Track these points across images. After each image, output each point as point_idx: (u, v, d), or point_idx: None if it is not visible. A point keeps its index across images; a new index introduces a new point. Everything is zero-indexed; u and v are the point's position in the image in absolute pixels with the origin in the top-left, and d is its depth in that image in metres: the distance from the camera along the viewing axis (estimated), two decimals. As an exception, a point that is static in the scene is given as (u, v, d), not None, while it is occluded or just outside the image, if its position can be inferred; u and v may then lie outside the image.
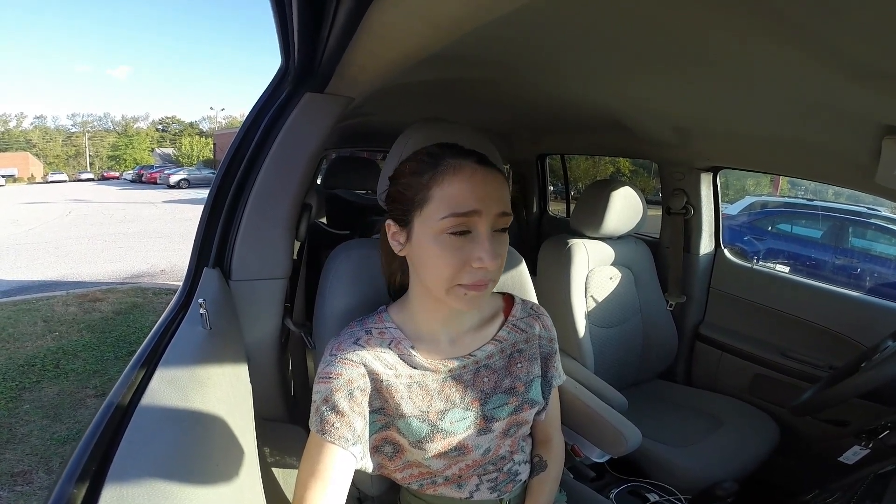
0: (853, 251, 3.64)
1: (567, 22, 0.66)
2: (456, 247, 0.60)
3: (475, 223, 0.60)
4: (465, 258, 0.60)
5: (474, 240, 0.60)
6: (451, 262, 0.60)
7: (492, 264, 0.59)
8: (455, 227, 0.60)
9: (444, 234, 0.60)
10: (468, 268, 0.60)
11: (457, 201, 0.59)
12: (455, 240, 0.60)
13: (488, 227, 0.60)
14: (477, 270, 0.60)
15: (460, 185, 0.60)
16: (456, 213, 0.59)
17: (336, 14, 0.60)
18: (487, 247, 0.59)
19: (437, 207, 0.60)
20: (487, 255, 0.59)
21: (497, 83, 1.13)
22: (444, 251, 0.60)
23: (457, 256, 0.60)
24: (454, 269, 0.60)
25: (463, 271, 0.61)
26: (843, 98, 0.74)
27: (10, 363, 2.92)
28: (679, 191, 1.66)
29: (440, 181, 0.61)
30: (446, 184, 0.60)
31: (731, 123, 1.18)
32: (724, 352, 1.66)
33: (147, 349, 0.63)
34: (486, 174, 0.61)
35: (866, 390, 0.95)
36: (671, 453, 1.27)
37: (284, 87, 0.89)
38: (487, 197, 0.60)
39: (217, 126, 55.74)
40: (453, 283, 0.61)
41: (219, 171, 0.91)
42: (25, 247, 7.52)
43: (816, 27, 0.53)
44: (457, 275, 0.61)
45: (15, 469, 1.98)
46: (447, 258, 0.60)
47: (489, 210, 0.60)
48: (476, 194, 0.60)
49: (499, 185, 0.63)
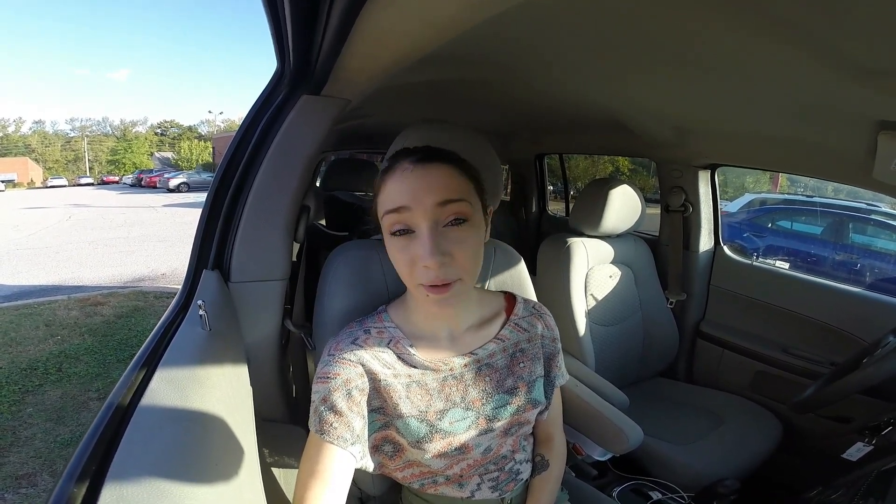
0: (853, 247, 3.63)
1: (563, 22, 0.67)
2: (401, 246, 0.61)
3: (410, 219, 0.60)
4: (412, 257, 0.60)
5: (416, 238, 0.60)
6: (402, 262, 0.61)
7: (430, 261, 0.58)
8: (393, 225, 0.61)
9: (390, 235, 0.62)
10: (417, 266, 0.60)
11: (388, 199, 0.61)
12: (399, 240, 0.61)
13: (428, 222, 0.59)
14: (425, 269, 0.59)
15: (392, 185, 0.61)
16: (387, 209, 0.61)
17: (329, 16, 0.60)
18: (427, 244, 0.58)
19: (380, 210, 0.63)
20: (426, 252, 0.58)
21: (495, 83, 1.13)
22: (394, 252, 0.62)
23: (403, 256, 0.61)
24: (406, 268, 0.61)
25: (415, 271, 0.60)
26: (839, 95, 0.74)
27: (13, 367, 2.93)
28: (677, 188, 1.67)
29: (383, 186, 0.63)
30: (384, 186, 0.62)
31: (728, 122, 1.18)
32: (726, 349, 1.66)
33: (147, 350, 0.63)
34: (421, 169, 0.60)
35: (868, 386, 0.95)
36: (673, 451, 1.26)
37: (281, 90, 0.89)
38: (419, 189, 0.59)
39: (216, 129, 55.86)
40: (414, 282, 0.62)
41: (216, 173, 0.91)
42: (26, 252, 7.52)
43: (812, 26, 0.54)
44: (412, 274, 0.61)
45: (19, 472, 1.99)
46: (396, 258, 0.62)
47: (419, 202, 0.59)
48: (404, 190, 0.60)
49: (438, 176, 0.60)
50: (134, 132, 61.24)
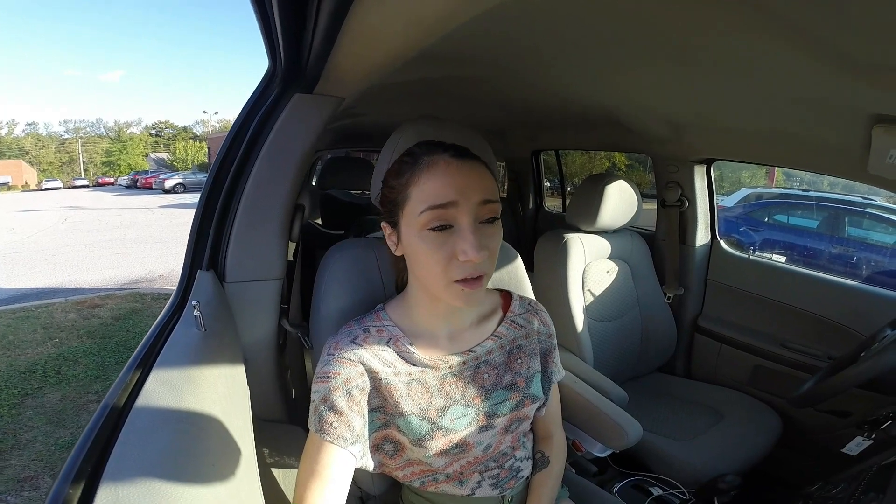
0: (849, 240, 3.65)
1: (555, 17, 0.66)
2: (439, 242, 0.60)
3: (454, 216, 0.60)
4: (450, 253, 0.60)
5: (457, 233, 0.60)
6: (437, 259, 0.60)
7: (476, 256, 0.58)
8: (434, 220, 0.60)
9: (426, 231, 0.60)
10: (455, 262, 0.60)
11: (433, 194, 0.60)
12: (437, 235, 0.60)
13: (470, 218, 0.60)
14: (464, 264, 0.60)
15: (435, 179, 0.60)
16: (432, 205, 0.59)
17: (318, 15, 0.59)
18: (471, 238, 0.59)
19: (415, 204, 0.61)
20: (471, 246, 0.58)
21: (489, 80, 1.13)
22: (429, 248, 0.60)
23: (441, 252, 0.60)
24: (442, 265, 0.60)
25: (451, 266, 0.60)
26: (833, 89, 0.74)
27: (12, 370, 2.93)
28: (673, 183, 1.67)
29: (417, 179, 0.61)
30: (423, 180, 0.61)
31: (723, 117, 1.18)
32: (724, 343, 1.66)
33: (142, 351, 0.63)
34: (462, 165, 0.61)
35: (866, 380, 0.95)
36: (673, 447, 1.27)
37: (273, 89, 0.89)
38: (465, 187, 0.60)
39: (211, 130, 55.64)
40: (448, 279, 0.61)
41: (210, 173, 0.90)
42: (22, 255, 7.49)
43: (806, 21, 0.54)
44: (447, 271, 0.60)
45: (21, 475, 1.99)
46: (432, 254, 0.60)
47: (467, 199, 0.60)
48: (452, 185, 0.60)
49: (479, 175, 0.62)
50: (129, 133, 60.95)
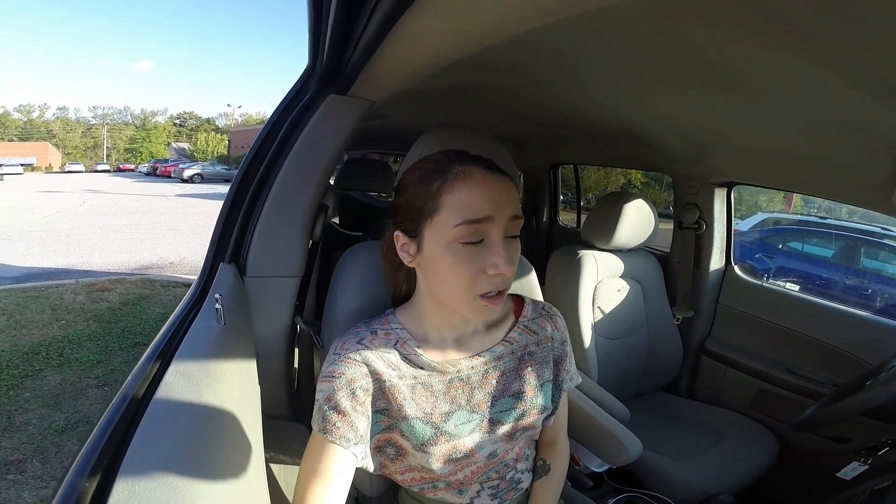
0: (864, 272, 3.59)
1: (593, 34, 0.67)
2: (469, 256, 0.60)
3: (488, 230, 0.60)
4: (480, 266, 0.60)
5: (488, 247, 0.60)
6: (466, 273, 0.60)
7: (508, 270, 0.59)
8: (470, 235, 0.59)
9: (457, 244, 0.59)
10: (483, 276, 0.60)
11: (470, 208, 0.59)
12: (468, 249, 0.59)
13: (501, 232, 0.60)
14: (493, 277, 0.60)
15: (471, 192, 0.59)
16: (469, 219, 0.58)
17: (370, 19, 0.60)
18: (502, 252, 0.59)
19: (448, 215, 0.59)
20: (503, 260, 0.59)
21: (516, 90, 1.14)
22: (458, 261, 0.60)
23: (471, 266, 0.60)
24: (470, 278, 0.60)
25: (479, 280, 0.60)
26: (862, 115, 0.73)
27: (15, 350, 2.91)
28: (692, 205, 1.66)
29: (450, 189, 0.60)
30: (457, 191, 0.59)
31: (749, 138, 1.18)
32: (729, 366, 1.64)
33: (162, 342, 0.63)
34: (496, 179, 0.61)
35: (871, 408, 0.95)
36: (669, 465, 1.26)
37: (310, 88, 0.90)
38: (500, 201, 0.60)
39: (233, 123, 56.28)
40: (473, 293, 0.61)
41: (240, 168, 0.92)
42: (39, 234, 7.62)
43: (837, 43, 0.53)
44: (473, 285, 0.60)
45: (9, 458, 1.95)
46: (462, 268, 0.60)
47: (501, 214, 0.60)
48: (489, 199, 0.59)
49: (509, 190, 0.62)
50: (153, 122, 62.03)
